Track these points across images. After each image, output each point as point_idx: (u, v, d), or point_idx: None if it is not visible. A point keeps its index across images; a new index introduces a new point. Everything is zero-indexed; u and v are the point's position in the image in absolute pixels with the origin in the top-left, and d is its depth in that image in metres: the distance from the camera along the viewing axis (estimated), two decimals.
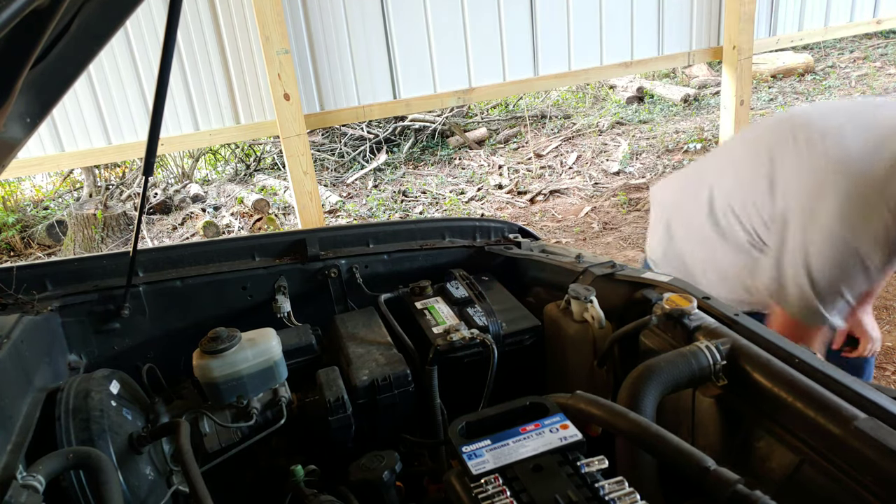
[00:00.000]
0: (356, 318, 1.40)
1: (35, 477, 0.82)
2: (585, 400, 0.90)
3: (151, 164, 1.30)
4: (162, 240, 5.42)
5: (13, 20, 0.62)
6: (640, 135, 6.44)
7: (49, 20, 0.79)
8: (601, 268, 1.33)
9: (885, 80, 6.99)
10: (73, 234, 5.36)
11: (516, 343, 1.28)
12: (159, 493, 1.03)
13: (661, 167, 5.58)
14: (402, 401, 1.19)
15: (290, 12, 3.89)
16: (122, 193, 5.98)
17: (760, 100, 6.93)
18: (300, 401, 1.20)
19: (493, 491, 0.78)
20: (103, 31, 1.01)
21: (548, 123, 6.91)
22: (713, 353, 0.98)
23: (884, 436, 0.78)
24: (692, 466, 0.76)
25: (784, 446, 0.91)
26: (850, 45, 8.33)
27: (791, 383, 0.91)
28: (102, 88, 3.86)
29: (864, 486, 0.79)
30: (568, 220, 4.92)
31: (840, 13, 5.68)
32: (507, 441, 0.85)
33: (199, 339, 1.14)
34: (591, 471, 0.79)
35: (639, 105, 7.34)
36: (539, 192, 5.37)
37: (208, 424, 1.12)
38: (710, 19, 5.25)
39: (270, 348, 1.16)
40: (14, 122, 1.02)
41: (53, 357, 1.25)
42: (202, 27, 3.90)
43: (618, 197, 5.13)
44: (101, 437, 0.97)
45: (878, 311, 3.31)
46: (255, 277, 1.47)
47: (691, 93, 7.24)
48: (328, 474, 1.11)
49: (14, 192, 6.25)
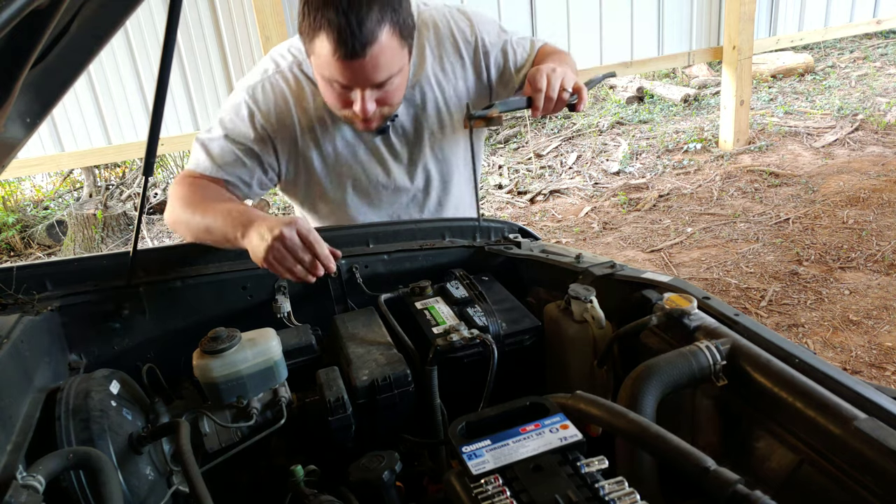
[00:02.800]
0: (356, 318, 1.39)
1: (35, 477, 0.82)
2: (585, 400, 0.90)
3: (151, 164, 1.30)
4: (162, 240, 5.42)
5: (13, 20, 0.63)
6: (640, 135, 6.44)
7: (49, 20, 0.79)
8: (601, 268, 1.33)
9: (885, 80, 6.99)
10: (73, 234, 5.35)
11: (516, 343, 1.28)
12: (159, 493, 1.02)
13: (661, 167, 5.58)
14: (402, 401, 1.19)
15: (290, 12, 3.89)
16: (122, 193, 5.98)
17: (760, 100, 6.93)
18: (300, 401, 1.20)
19: (493, 491, 0.78)
20: (103, 31, 1.01)
21: (548, 123, 6.91)
22: (713, 353, 0.98)
23: (884, 436, 0.78)
24: (692, 466, 0.76)
25: (784, 446, 0.91)
26: (850, 45, 8.33)
27: (791, 383, 0.91)
28: (102, 88, 3.86)
29: (864, 486, 0.79)
30: (568, 220, 4.92)
31: (840, 13, 5.68)
32: (507, 441, 0.85)
33: (199, 339, 1.14)
34: (591, 471, 0.79)
35: (639, 105, 7.34)
36: (539, 192, 5.37)
37: (208, 424, 1.12)
38: (710, 19, 5.26)
39: (270, 348, 1.16)
40: (14, 122, 1.02)
41: (53, 357, 1.25)
42: (202, 27, 3.90)
43: (618, 197, 5.13)
44: (102, 437, 0.97)
45: (878, 311, 3.31)
46: (255, 277, 1.47)
47: (691, 93, 7.24)
48: (328, 474, 1.11)
49: (14, 192, 6.24)
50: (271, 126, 1.57)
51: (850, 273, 3.69)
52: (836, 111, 6.24)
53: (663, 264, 4.08)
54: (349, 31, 1.27)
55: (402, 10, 1.34)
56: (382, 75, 1.37)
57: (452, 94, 1.67)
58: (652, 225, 4.63)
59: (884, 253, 3.80)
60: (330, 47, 1.31)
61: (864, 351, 3.05)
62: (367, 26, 1.27)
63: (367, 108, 1.41)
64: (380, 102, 1.44)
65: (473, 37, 1.64)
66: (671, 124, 6.61)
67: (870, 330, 3.19)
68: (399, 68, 1.41)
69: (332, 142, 1.63)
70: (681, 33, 5.15)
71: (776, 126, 6.05)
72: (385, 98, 1.44)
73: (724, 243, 4.21)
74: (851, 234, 4.07)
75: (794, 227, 4.27)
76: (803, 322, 3.31)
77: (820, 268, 3.78)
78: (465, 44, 1.64)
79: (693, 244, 4.27)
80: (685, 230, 4.46)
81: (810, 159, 5.34)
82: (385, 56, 1.34)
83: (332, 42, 1.30)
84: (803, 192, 4.75)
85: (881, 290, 3.48)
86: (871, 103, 6.34)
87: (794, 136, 5.82)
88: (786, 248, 4.03)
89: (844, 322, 3.27)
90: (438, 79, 1.65)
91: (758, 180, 5.04)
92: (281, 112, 1.57)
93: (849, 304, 3.41)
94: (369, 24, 1.27)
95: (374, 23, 1.28)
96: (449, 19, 1.64)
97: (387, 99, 1.45)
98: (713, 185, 5.09)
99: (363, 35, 1.28)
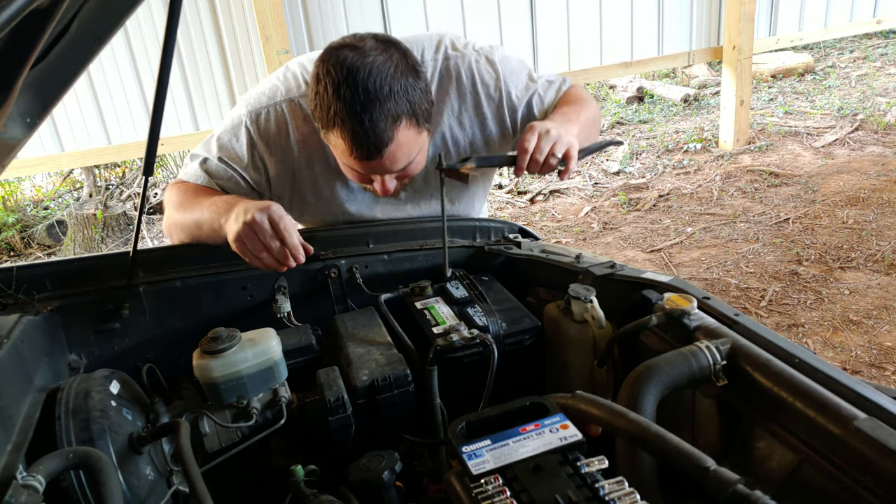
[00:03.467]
0: (356, 318, 1.39)
1: (35, 477, 0.82)
2: (585, 400, 0.90)
3: (151, 164, 1.30)
4: (162, 240, 5.42)
5: (13, 20, 0.63)
6: (639, 135, 6.44)
7: (49, 20, 0.79)
8: (601, 268, 1.33)
9: (885, 80, 6.99)
10: (73, 234, 5.35)
11: (516, 343, 1.28)
12: (159, 493, 1.03)
13: (661, 167, 5.58)
14: (402, 401, 1.19)
15: (290, 12, 3.89)
16: (122, 193, 5.98)
17: (760, 100, 6.93)
18: (300, 401, 1.20)
19: (493, 491, 0.78)
20: (103, 31, 1.01)
21: None
22: (713, 353, 0.98)
23: (884, 436, 0.78)
24: (692, 466, 0.76)
25: (784, 446, 0.91)
26: (850, 45, 8.33)
27: (791, 383, 0.91)
28: (102, 88, 3.86)
29: (864, 486, 0.79)
30: (568, 220, 4.92)
31: (840, 13, 5.68)
32: (507, 441, 0.85)
33: (199, 339, 1.14)
34: (591, 471, 0.79)
35: (639, 105, 7.34)
36: (539, 192, 5.38)
37: (208, 424, 1.12)
38: (710, 19, 5.26)
39: (270, 348, 1.16)
40: (14, 122, 1.02)
41: (53, 357, 1.25)
42: (202, 27, 3.90)
43: (618, 197, 5.13)
44: (102, 437, 0.97)
45: (878, 311, 3.31)
46: (255, 277, 1.47)
47: (691, 93, 7.24)
48: (328, 474, 1.11)
49: (14, 192, 6.24)
50: (269, 157, 1.52)
51: (850, 273, 3.69)
52: (836, 111, 6.24)
53: (663, 264, 4.08)
54: (363, 134, 1.23)
55: (415, 97, 1.28)
56: (401, 165, 1.34)
57: (467, 146, 1.60)
58: (652, 225, 4.63)
59: (884, 253, 3.80)
60: (345, 146, 1.27)
61: (864, 351, 3.05)
62: (380, 127, 1.23)
63: (388, 188, 1.38)
64: (400, 178, 1.41)
65: (497, 91, 1.56)
66: (671, 124, 6.61)
67: (870, 330, 3.19)
68: (418, 150, 1.36)
69: (329, 183, 1.58)
70: (681, 33, 5.15)
71: (776, 126, 6.06)
72: (406, 174, 1.41)
73: (724, 243, 4.21)
74: (851, 234, 4.07)
75: (794, 227, 4.27)
76: (803, 322, 3.31)
77: (820, 268, 3.78)
78: (488, 99, 1.56)
79: (693, 244, 4.27)
80: (685, 230, 4.46)
81: (810, 159, 5.34)
82: (402, 150, 1.30)
83: (346, 142, 1.26)
84: (803, 192, 4.75)
85: (881, 290, 3.48)
86: (871, 103, 6.34)
87: (794, 136, 5.82)
88: (786, 248, 4.03)
89: (844, 322, 3.27)
90: (454, 132, 1.58)
91: (758, 180, 5.04)
92: (281, 146, 1.51)
93: (849, 303, 3.41)
94: (383, 124, 1.23)
95: (388, 122, 1.23)
96: (474, 72, 1.55)
97: (407, 175, 1.41)
98: (713, 185, 5.09)
99: (378, 138, 1.24)
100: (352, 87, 1.21)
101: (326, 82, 1.24)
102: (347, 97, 1.21)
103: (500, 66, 1.57)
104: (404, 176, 1.41)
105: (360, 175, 1.38)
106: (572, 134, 1.39)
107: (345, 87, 1.21)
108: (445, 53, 1.55)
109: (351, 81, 1.21)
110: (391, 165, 1.32)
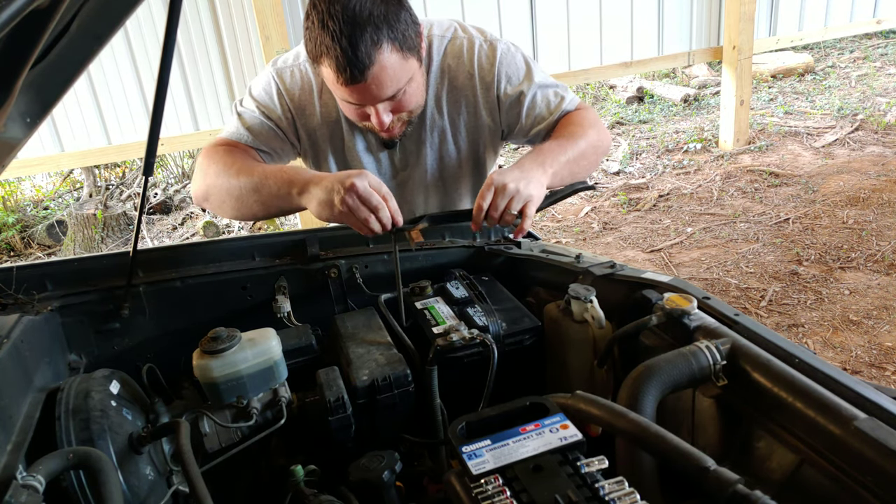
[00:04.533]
0: (356, 318, 1.39)
1: (35, 477, 0.82)
2: (585, 400, 0.90)
3: (151, 164, 1.30)
4: (162, 240, 5.43)
5: (13, 20, 0.63)
6: (639, 135, 6.44)
7: (49, 20, 0.79)
8: (601, 268, 1.33)
9: (885, 80, 6.99)
10: (73, 234, 5.36)
11: (516, 343, 1.28)
12: (159, 493, 1.03)
13: (661, 167, 5.58)
14: (402, 401, 1.19)
15: (290, 12, 3.89)
16: (122, 193, 5.98)
17: (760, 100, 6.93)
18: (300, 401, 1.20)
19: (493, 491, 0.78)
20: (103, 31, 1.01)
21: None
22: (713, 353, 0.98)
23: (884, 436, 0.78)
24: (692, 466, 0.76)
25: (784, 446, 0.91)
26: (850, 45, 8.33)
27: (791, 383, 0.91)
28: (102, 88, 3.86)
29: (864, 486, 0.79)
30: (568, 220, 4.92)
31: (840, 13, 5.68)
32: (507, 441, 0.85)
33: (199, 339, 1.14)
34: (591, 471, 0.79)
35: (639, 105, 7.34)
36: None
37: (208, 424, 1.12)
38: (710, 19, 5.26)
39: (270, 348, 1.16)
40: (14, 122, 1.02)
41: (53, 357, 1.25)
42: (202, 27, 3.90)
43: (618, 197, 5.13)
44: (102, 437, 0.97)
45: (878, 311, 3.31)
46: (255, 277, 1.47)
47: (691, 93, 7.24)
48: (328, 474, 1.11)
49: (14, 192, 6.24)
50: (295, 107, 1.59)
51: (850, 273, 3.69)
52: (836, 111, 6.24)
53: (663, 264, 4.08)
54: (345, 57, 1.27)
55: (399, 24, 1.32)
56: (389, 91, 1.37)
57: (462, 126, 1.64)
58: (652, 225, 4.63)
59: (884, 253, 3.80)
60: (332, 74, 1.32)
61: (864, 351, 3.05)
62: (362, 50, 1.27)
63: (383, 120, 1.42)
64: (395, 111, 1.44)
65: (490, 77, 1.57)
66: (671, 124, 6.61)
67: (870, 330, 3.19)
68: (408, 79, 1.39)
69: (343, 142, 1.65)
70: (681, 33, 5.16)
71: (776, 126, 6.06)
72: (400, 107, 1.43)
73: (724, 243, 4.22)
74: (851, 234, 4.07)
75: (794, 227, 4.27)
76: (803, 322, 3.31)
77: (820, 268, 3.78)
78: (482, 83, 1.58)
79: (693, 244, 4.27)
80: (685, 230, 4.46)
81: (810, 159, 5.34)
82: (387, 73, 1.33)
83: (332, 69, 1.31)
84: (803, 192, 4.75)
85: (881, 290, 3.48)
86: (871, 103, 6.34)
87: (794, 136, 5.82)
88: (786, 248, 4.03)
89: (844, 322, 3.27)
90: (449, 108, 1.62)
91: (758, 180, 5.04)
92: (304, 98, 1.59)
93: (849, 304, 3.41)
94: (364, 47, 1.27)
95: (369, 45, 1.27)
96: (474, 53, 1.57)
97: (402, 107, 1.44)
98: (713, 185, 5.09)
99: (360, 60, 1.28)
100: (335, 17, 1.27)
101: (313, 16, 1.30)
102: (331, 26, 1.27)
103: (500, 56, 1.58)
104: (399, 109, 1.44)
105: (357, 109, 1.42)
106: (537, 183, 1.35)
107: (328, 16, 1.27)
108: (455, 33, 1.61)
109: (334, 11, 1.27)
110: (378, 91, 1.35)
